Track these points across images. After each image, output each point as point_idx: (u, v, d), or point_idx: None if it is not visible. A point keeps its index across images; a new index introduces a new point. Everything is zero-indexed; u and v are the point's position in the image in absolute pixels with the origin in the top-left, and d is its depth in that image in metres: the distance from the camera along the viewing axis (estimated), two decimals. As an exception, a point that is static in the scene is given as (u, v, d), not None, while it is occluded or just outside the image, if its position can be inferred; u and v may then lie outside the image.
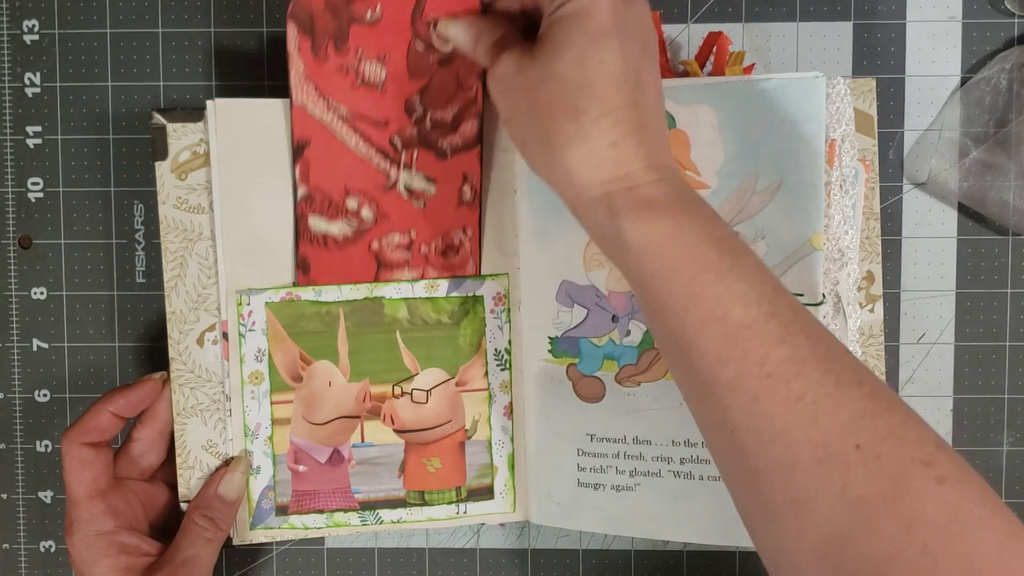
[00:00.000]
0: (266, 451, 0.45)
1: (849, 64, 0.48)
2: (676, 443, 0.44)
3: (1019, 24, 0.48)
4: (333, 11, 0.40)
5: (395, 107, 0.42)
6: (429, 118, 0.42)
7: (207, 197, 0.44)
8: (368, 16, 0.40)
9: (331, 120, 0.42)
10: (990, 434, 0.48)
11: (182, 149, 0.44)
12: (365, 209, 0.43)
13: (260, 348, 0.45)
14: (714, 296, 0.31)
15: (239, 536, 0.45)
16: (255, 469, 0.45)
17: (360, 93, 0.41)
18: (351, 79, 0.41)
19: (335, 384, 0.45)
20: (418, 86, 0.42)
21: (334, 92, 0.41)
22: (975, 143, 0.47)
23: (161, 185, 0.44)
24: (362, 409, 0.45)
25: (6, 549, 0.50)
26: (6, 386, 0.50)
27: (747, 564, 0.49)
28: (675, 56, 0.48)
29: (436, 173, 0.43)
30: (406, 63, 0.41)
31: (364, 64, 0.41)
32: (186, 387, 0.45)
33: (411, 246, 0.44)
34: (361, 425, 0.46)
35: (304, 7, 0.40)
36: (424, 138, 0.42)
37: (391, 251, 0.44)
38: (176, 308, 0.45)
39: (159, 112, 0.44)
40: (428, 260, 0.44)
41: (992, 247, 0.48)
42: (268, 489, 0.45)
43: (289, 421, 0.45)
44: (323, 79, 0.41)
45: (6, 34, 0.49)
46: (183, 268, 0.44)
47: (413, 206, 0.43)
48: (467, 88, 0.42)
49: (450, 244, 0.44)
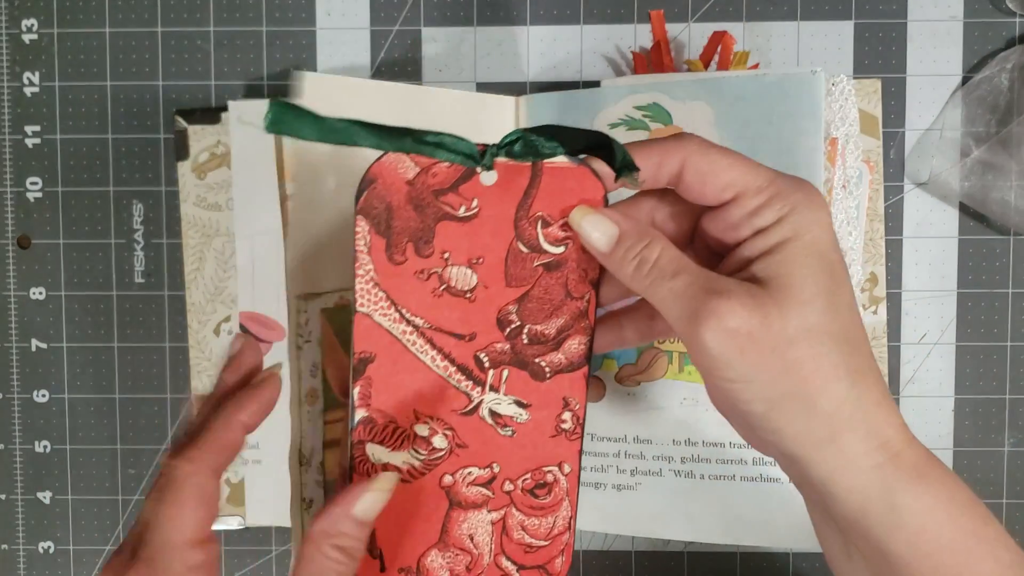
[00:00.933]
0: (318, 480, 0.42)
1: (850, 64, 0.48)
2: (677, 442, 0.44)
3: (1020, 23, 0.47)
4: (417, 206, 0.33)
5: (485, 319, 0.35)
6: (527, 332, 0.35)
7: (224, 195, 0.47)
8: (461, 212, 0.33)
9: (403, 332, 0.34)
10: (991, 435, 0.48)
11: (201, 150, 0.45)
12: (438, 437, 0.36)
13: (315, 363, 0.42)
14: (988, 571, 0.29)
15: None
16: (307, 503, 0.41)
17: (443, 302, 0.34)
18: (432, 285, 0.34)
19: None
20: (516, 295, 0.34)
21: (410, 301, 0.34)
22: (976, 143, 0.47)
23: (183, 184, 0.47)
24: None
25: (5, 550, 0.50)
26: (5, 386, 0.50)
27: (748, 564, 0.49)
28: (678, 55, 0.48)
29: (530, 397, 0.35)
30: (504, 268, 0.34)
31: (451, 269, 0.34)
32: (204, 374, 0.47)
33: (492, 482, 0.36)
34: None
35: (380, 200, 0.33)
36: (518, 355, 0.35)
37: (466, 487, 0.36)
38: (195, 300, 0.47)
39: (179, 114, 0.46)
40: (512, 499, 0.36)
41: (993, 247, 0.48)
42: None
43: (339, 443, 0.42)
44: (397, 285, 0.34)
45: (5, 33, 0.49)
46: (201, 262, 0.47)
47: (498, 435, 0.36)
48: (576, 298, 0.35)
49: (541, 482, 0.36)
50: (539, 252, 0.34)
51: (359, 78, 0.42)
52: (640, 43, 0.48)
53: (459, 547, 0.36)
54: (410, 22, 0.48)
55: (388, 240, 0.33)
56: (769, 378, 0.29)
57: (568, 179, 0.32)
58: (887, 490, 0.29)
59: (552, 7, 0.48)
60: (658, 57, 0.46)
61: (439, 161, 0.32)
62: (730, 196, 0.30)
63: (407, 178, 0.32)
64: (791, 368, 0.28)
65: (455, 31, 0.48)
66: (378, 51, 0.49)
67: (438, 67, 0.48)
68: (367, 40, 0.49)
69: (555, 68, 0.48)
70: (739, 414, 0.30)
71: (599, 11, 0.48)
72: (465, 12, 0.48)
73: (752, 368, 0.28)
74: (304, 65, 0.49)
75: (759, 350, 0.28)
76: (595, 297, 0.34)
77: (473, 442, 0.35)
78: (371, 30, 0.49)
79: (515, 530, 0.36)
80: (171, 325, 0.49)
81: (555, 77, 0.48)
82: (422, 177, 0.33)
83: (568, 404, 0.36)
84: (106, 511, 0.50)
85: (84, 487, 0.50)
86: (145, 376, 0.49)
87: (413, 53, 0.48)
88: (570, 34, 0.48)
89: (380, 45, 0.49)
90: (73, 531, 0.50)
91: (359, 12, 0.48)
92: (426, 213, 0.33)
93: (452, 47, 0.48)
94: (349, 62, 0.48)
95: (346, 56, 0.48)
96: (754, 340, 0.28)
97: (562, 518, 0.36)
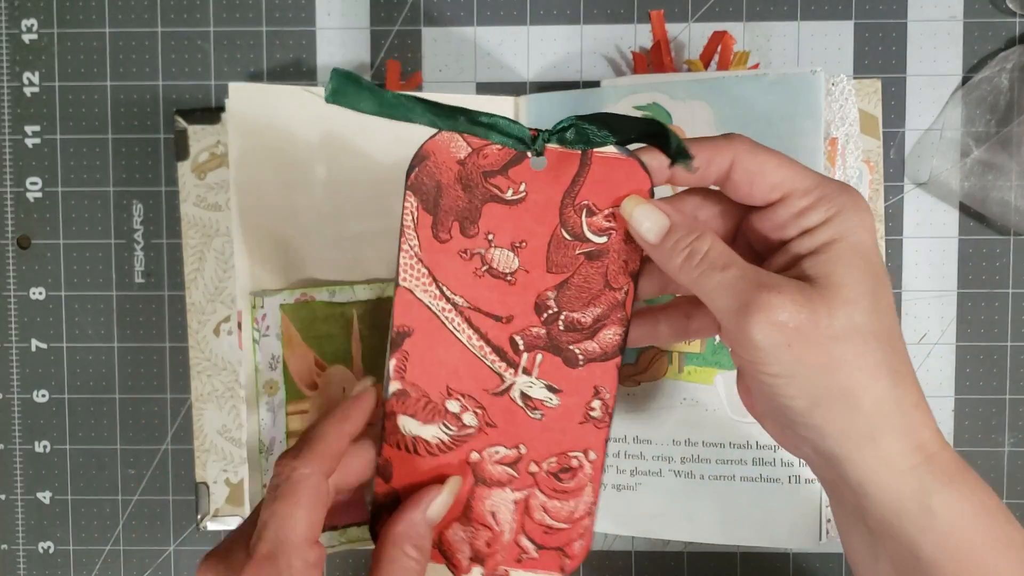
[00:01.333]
0: None
1: (850, 63, 0.48)
2: (677, 442, 0.44)
3: (1020, 23, 0.47)
4: (466, 186, 0.34)
5: (523, 302, 0.35)
6: (563, 319, 0.35)
7: (224, 196, 0.47)
8: (508, 194, 0.34)
9: (442, 309, 0.35)
10: (991, 435, 0.48)
11: (201, 150, 0.45)
12: (468, 415, 0.36)
13: (274, 355, 0.44)
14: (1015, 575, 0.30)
15: None
16: None
17: (483, 283, 0.35)
18: (475, 265, 0.35)
19: (349, 390, 0.44)
20: (555, 281, 0.35)
21: (451, 279, 0.35)
22: (976, 143, 0.47)
23: (183, 184, 0.47)
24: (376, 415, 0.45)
25: (5, 550, 0.50)
26: (5, 386, 0.50)
27: (748, 564, 0.49)
28: (678, 55, 0.48)
29: (562, 383, 0.36)
30: (546, 253, 0.35)
31: (494, 250, 0.35)
32: (203, 374, 0.47)
33: (518, 463, 0.36)
34: None
35: (430, 177, 0.34)
36: (553, 341, 0.36)
37: (492, 465, 0.37)
38: (195, 300, 0.47)
39: (179, 114, 0.46)
40: (537, 481, 0.37)
41: (993, 247, 0.48)
42: None
43: None
44: (440, 263, 0.35)
45: (4, 33, 0.49)
46: (201, 262, 0.47)
47: (528, 417, 0.36)
48: (615, 289, 0.35)
49: (566, 466, 0.37)
50: (582, 240, 0.34)
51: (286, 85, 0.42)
52: (640, 43, 0.48)
53: (481, 523, 0.36)
54: (410, 22, 0.48)
55: (435, 217, 0.34)
56: (814, 374, 0.29)
57: (616, 170, 0.32)
58: (923, 491, 0.29)
59: (552, 7, 0.48)
60: (658, 57, 0.46)
61: (491, 143, 0.33)
62: (778, 196, 0.30)
63: (458, 157, 0.33)
64: (836, 365, 0.29)
65: (455, 31, 0.48)
66: (378, 51, 0.49)
67: (438, 67, 0.48)
68: (367, 40, 0.49)
69: (555, 68, 0.48)
70: (778, 411, 0.30)
71: (599, 11, 0.48)
72: (465, 12, 0.48)
73: (798, 363, 0.29)
74: (304, 65, 0.49)
75: (806, 345, 0.29)
76: (633, 289, 0.34)
77: (502, 422, 0.36)
78: (371, 30, 0.49)
79: (537, 511, 0.36)
80: (171, 325, 0.49)
81: (555, 77, 0.48)
82: (473, 158, 0.33)
83: (599, 392, 0.36)
84: (106, 511, 0.50)
85: (84, 487, 0.50)
86: (145, 376, 0.49)
87: (413, 53, 0.48)
88: (570, 34, 0.48)
89: (380, 45, 0.49)
90: (73, 531, 0.50)
91: (359, 12, 0.48)
92: (474, 193, 0.34)
93: (452, 47, 0.48)
94: (349, 62, 0.48)
95: (346, 56, 0.48)
96: (802, 335, 0.28)
97: (584, 503, 0.36)
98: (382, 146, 0.44)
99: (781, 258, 0.31)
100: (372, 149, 0.44)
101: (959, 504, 0.29)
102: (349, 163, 0.44)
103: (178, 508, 0.50)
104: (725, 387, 0.44)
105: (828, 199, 0.30)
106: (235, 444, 0.48)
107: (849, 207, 0.30)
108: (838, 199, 0.30)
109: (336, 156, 0.44)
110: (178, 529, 0.50)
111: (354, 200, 0.45)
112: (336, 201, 0.44)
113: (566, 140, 0.32)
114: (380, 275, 0.45)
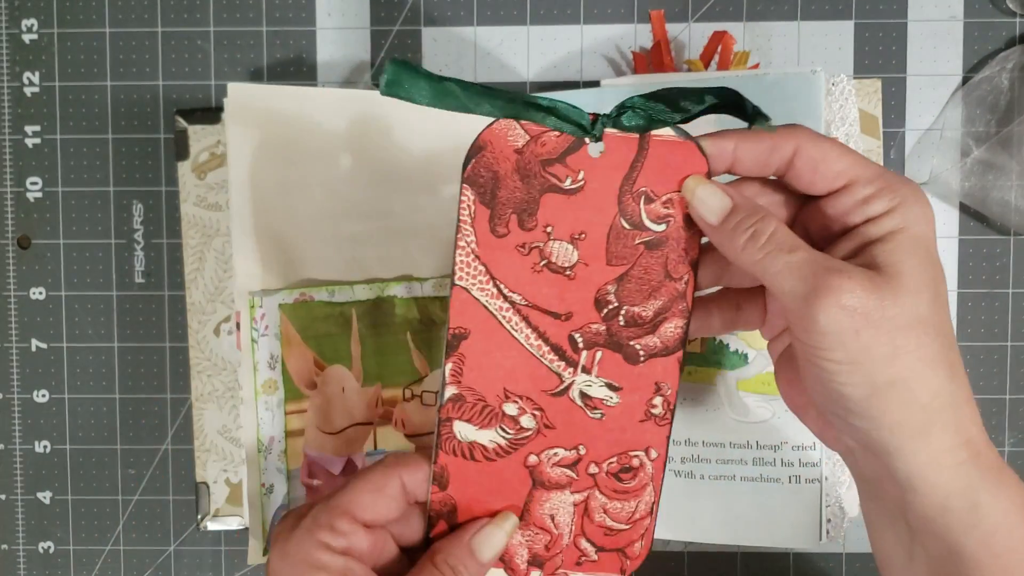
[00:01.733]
0: (280, 467, 0.44)
1: (850, 63, 0.48)
2: (676, 442, 0.44)
3: (1020, 23, 0.47)
4: (524, 176, 0.32)
5: (583, 298, 0.34)
6: (624, 314, 0.34)
7: (224, 196, 0.47)
8: (567, 184, 0.32)
9: (499, 308, 0.34)
10: (991, 435, 0.48)
11: (201, 150, 0.45)
12: (526, 417, 0.35)
13: (273, 354, 0.44)
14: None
15: (252, 558, 0.45)
16: (267, 488, 0.44)
17: (542, 278, 0.33)
18: (532, 260, 0.33)
19: (348, 389, 0.45)
20: (615, 274, 0.33)
21: (509, 276, 0.33)
22: (976, 143, 0.47)
23: (183, 184, 0.47)
24: (375, 415, 0.45)
25: (5, 550, 0.50)
26: (5, 386, 0.50)
27: (748, 564, 0.49)
28: (678, 55, 0.48)
29: (622, 380, 0.34)
30: (605, 244, 0.33)
31: (552, 244, 0.33)
32: (203, 374, 0.47)
33: (577, 464, 0.35)
34: (374, 432, 0.45)
35: (487, 168, 0.32)
36: (613, 337, 0.34)
37: (551, 468, 0.35)
38: (195, 300, 0.47)
39: (179, 114, 0.46)
40: (596, 482, 0.35)
41: (994, 247, 0.48)
42: (282, 508, 0.44)
43: (303, 432, 0.44)
44: (498, 259, 0.33)
45: (5, 33, 0.49)
46: (201, 262, 0.47)
47: (587, 417, 0.35)
48: (675, 279, 0.33)
49: (627, 466, 0.35)
50: (640, 229, 0.33)
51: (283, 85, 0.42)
52: (640, 43, 0.48)
53: (540, 526, 0.35)
54: (410, 22, 0.48)
55: (492, 211, 0.32)
56: (876, 362, 0.28)
57: (674, 154, 0.32)
58: (970, 488, 0.29)
59: (552, 7, 0.48)
60: (658, 57, 0.46)
61: (549, 129, 0.31)
62: (841, 184, 0.30)
63: (516, 146, 0.32)
64: (898, 354, 0.28)
65: (455, 31, 0.48)
66: (378, 51, 0.49)
67: (438, 67, 0.48)
68: (367, 40, 0.49)
69: (555, 68, 0.48)
70: (832, 400, 0.30)
71: (599, 11, 0.48)
72: (465, 12, 0.48)
73: (862, 350, 0.28)
74: (304, 64, 0.49)
75: (873, 332, 0.28)
76: (694, 279, 0.33)
77: (561, 423, 0.35)
78: (371, 30, 0.49)
79: (597, 512, 0.35)
80: (171, 325, 0.49)
81: (555, 77, 0.48)
82: (531, 146, 0.32)
83: (660, 389, 0.35)
84: (106, 511, 0.50)
85: (84, 487, 0.50)
86: (145, 376, 0.49)
87: (413, 53, 0.48)
88: (570, 34, 0.48)
89: (380, 45, 0.49)
90: (73, 531, 0.50)
91: (359, 12, 0.48)
92: (532, 184, 0.32)
93: (452, 47, 0.48)
94: (349, 62, 0.48)
95: (346, 56, 0.48)
96: (870, 321, 0.28)
97: (644, 503, 0.35)
98: (382, 146, 0.44)
99: (844, 245, 0.31)
100: (372, 149, 0.44)
101: (1004, 503, 0.29)
102: (348, 163, 0.44)
103: (178, 508, 0.50)
104: (725, 387, 0.44)
105: (891, 189, 0.30)
106: (235, 444, 0.48)
107: (912, 198, 0.30)
108: (901, 189, 0.30)
109: (335, 156, 0.44)
110: (178, 529, 0.50)
111: (353, 200, 0.45)
112: (335, 201, 0.44)
113: (623, 124, 0.31)
114: (379, 275, 0.45)
